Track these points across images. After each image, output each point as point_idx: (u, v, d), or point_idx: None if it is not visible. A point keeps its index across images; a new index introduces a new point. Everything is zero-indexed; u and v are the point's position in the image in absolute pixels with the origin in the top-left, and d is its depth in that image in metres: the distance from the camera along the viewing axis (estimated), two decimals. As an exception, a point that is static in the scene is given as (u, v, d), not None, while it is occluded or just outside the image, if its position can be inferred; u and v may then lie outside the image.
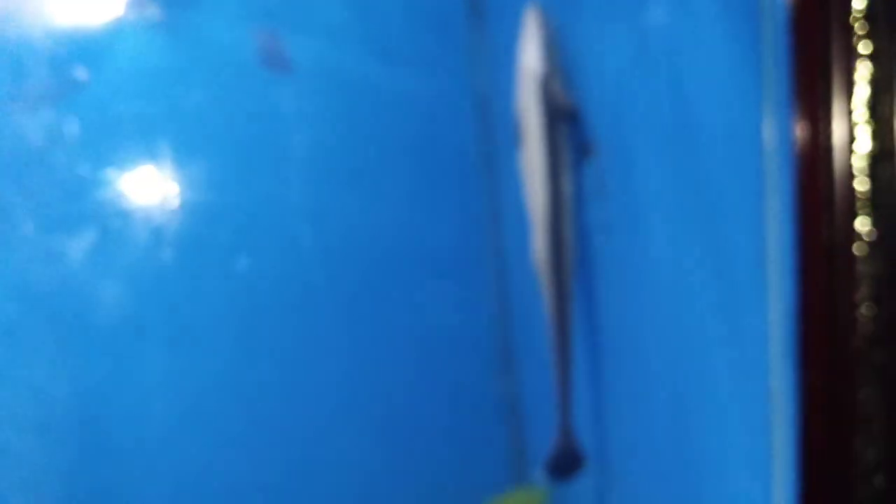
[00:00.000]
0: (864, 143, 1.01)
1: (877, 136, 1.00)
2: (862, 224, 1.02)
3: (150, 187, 1.80)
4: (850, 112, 1.01)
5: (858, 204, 1.02)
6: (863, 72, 1.01)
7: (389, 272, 2.02)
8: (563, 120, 1.58)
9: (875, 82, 1.00)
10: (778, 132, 1.07)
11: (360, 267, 2.00)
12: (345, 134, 1.96)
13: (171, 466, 1.82)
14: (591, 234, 1.62)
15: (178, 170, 1.82)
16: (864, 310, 1.04)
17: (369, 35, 1.98)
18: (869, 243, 1.02)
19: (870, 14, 1.01)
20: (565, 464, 1.67)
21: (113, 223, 1.73)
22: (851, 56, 1.01)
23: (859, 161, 1.01)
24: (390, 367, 2.02)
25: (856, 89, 1.01)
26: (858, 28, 1.01)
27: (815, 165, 1.04)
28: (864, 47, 1.00)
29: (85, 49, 1.71)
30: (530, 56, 1.58)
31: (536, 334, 1.75)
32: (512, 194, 1.85)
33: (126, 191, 1.75)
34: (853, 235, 1.03)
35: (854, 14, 1.01)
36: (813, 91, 1.04)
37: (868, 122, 1.00)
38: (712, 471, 1.23)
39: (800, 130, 1.03)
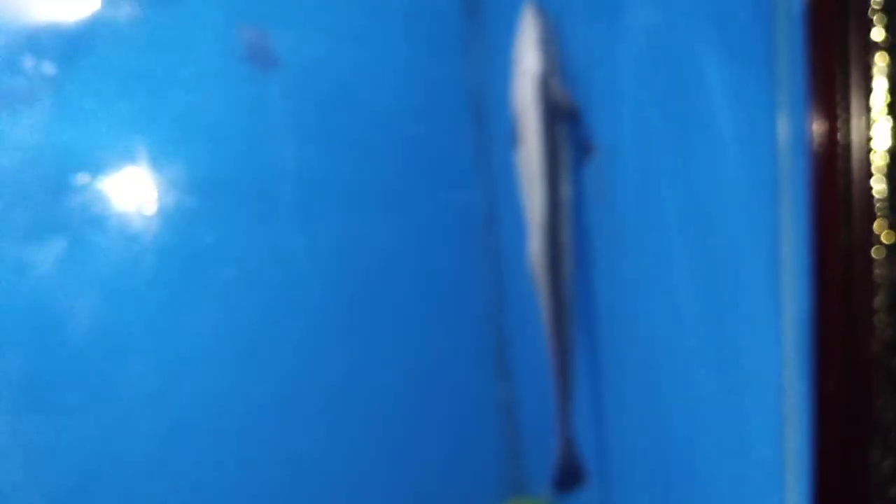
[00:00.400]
0: (883, 140, 0.97)
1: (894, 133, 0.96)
2: (880, 226, 0.98)
3: (126, 192, 1.71)
4: (868, 109, 0.98)
5: (877, 205, 0.98)
6: (881, 66, 0.97)
7: (382, 277, 1.97)
8: (563, 119, 1.54)
9: (895, 77, 0.96)
10: (793, 130, 1.03)
11: (352, 271, 1.94)
12: (335, 134, 1.90)
13: (162, 486, 1.75)
14: (590, 236, 1.58)
15: (156, 173, 1.74)
16: (883, 315, 1.00)
17: (362, 33, 1.93)
18: (888, 246, 0.98)
19: (888, 6, 0.97)
20: (568, 476, 1.62)
21: (85, 231, 1.64)
22: (870, 50, 0.98)
23: (878, 160, 0.97)
24: (385, 374, 1.96)
25: (874, 84, 0.97)
26: (877, 20, 0.98)
27: (832, 165, 1.00)
28: (883, 41, 0.97)
29: (58, 47, 1.64)
30: (528, 54, 1.54)
31: (534, 339, 1.71)
32: (508, 196, 1.80)
33: (99, 196, 1.66)
34: (871, 238, 0.99)
35: (872, 6, 0.97)
36: (830, 87, 0.99)
37: (887, 119, 0.96)
38: (722, 482, 1.19)
39: (816, 128, 0.99)
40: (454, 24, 2.02)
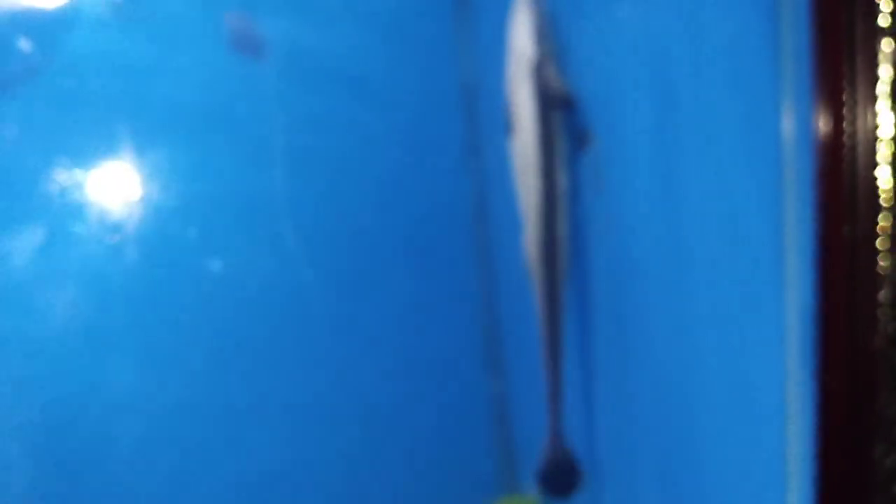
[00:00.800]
0: (889, 130, 0.94)
1: (900, 122, 0.94)
2: (885, 218, 0.96)
3: (108, 180, 1.65)
4: (874, 97, 0.95)
5: (882, 196, 0.95)
6: (888, 53, 0.94)
7: (372, 270, 1.93)
8: (558, 107, 1.50)
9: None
10: (797, 118, 1.00)
11: (342, 265, 1.90)
12: (325, 122, 1.86)
13: (144, 482, 1.71)
14: (586, 228, 1.55)
15: (140, 160, 1.68)
16: (887, 309, 0.98)
17: (349, 21, 1.88)
18: (893, 238, 0.96)
19: (896, -10, 0.94)
20: (559, 476, 1.59)
21: (64, 220, 1.59)
22: (876, 36, 0.95)
23: (884, 149, 0.95)
24: (374, 370, 1.93)
25: (881, 72, 0.94)
26: (884, 5, 0.94)
27: (837, 154, 0.97)
28: (889, 26, 0.94)
29: (38, 30, 1.58)
30: (522, 40, 1.51)
31: (526, 335, 1.68)
32: (499, 187, 1.77)
33: (79, 184, 1.59)
34: (876, 230, 0.97)
35: (880, -10, 0.94)
36: (835, 74, 0.97)
37: (894, 108, 0.94)
38: (723, 478, 1.16)
39: (821, 117, 0.96)
40: (444, 8, 1.98)
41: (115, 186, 1.67)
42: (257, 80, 1.79)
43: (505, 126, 1.58)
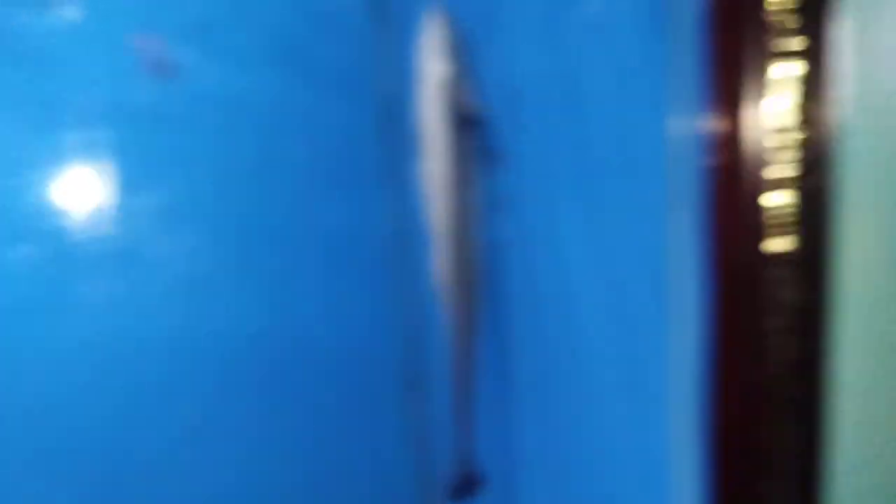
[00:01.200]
0: (786, 151, 0.92)
1: (802, 144, 0.91)
2: (778, 241, 0.93)
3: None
4: (766, 115, 0.92)
5: (777, 220, 0.92)
6: (781, 70, 0.92)
7: (285, 294, 1.85)
8: (469, 127, 1.47)
9: (803, 81, 0.90)
10: (687, 137, 0.97)
11: (254, 288, 1.81)
12: (230, 145, 1.76)
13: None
14: (497, 248, 1.51)
15: (47, 189, 1.56)
16: (779, 337, 0.95)
17: (260, 38, 1.82)
18: (787, 263, 0.93)
19: (791, 6, 0.92)
20: (464, 488, 1.61)
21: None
22: (768, 54, 0.92)
23: (781, 171, 0.92)
24: (290, 390, 1.84)
25: (773, 89, 0.92)
26: (777, 22, 0.92)
27: (729, 175, 0.94)
28: (783, 46, 0.91)
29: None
30: (432, 60, 1.47)
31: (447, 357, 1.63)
32: (418, 206, 1.73)
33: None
34: (768, 253, 0.94)
35: (770, 7, 0.92)
36: (727, 91, 0.94)
37: (792, 128, 0.91)
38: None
39: (713, 135, 0.93)
40: (358, 26, 1.93)
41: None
42: (158, 102, 1.69)
43: (416, 146, 1.54)
